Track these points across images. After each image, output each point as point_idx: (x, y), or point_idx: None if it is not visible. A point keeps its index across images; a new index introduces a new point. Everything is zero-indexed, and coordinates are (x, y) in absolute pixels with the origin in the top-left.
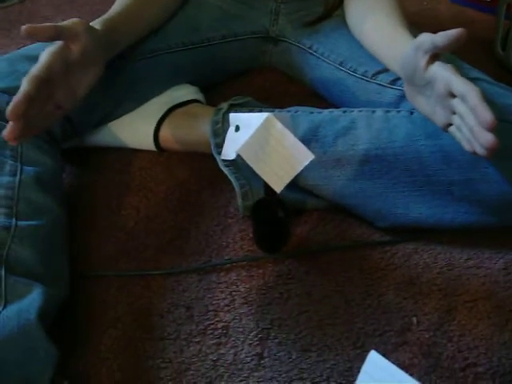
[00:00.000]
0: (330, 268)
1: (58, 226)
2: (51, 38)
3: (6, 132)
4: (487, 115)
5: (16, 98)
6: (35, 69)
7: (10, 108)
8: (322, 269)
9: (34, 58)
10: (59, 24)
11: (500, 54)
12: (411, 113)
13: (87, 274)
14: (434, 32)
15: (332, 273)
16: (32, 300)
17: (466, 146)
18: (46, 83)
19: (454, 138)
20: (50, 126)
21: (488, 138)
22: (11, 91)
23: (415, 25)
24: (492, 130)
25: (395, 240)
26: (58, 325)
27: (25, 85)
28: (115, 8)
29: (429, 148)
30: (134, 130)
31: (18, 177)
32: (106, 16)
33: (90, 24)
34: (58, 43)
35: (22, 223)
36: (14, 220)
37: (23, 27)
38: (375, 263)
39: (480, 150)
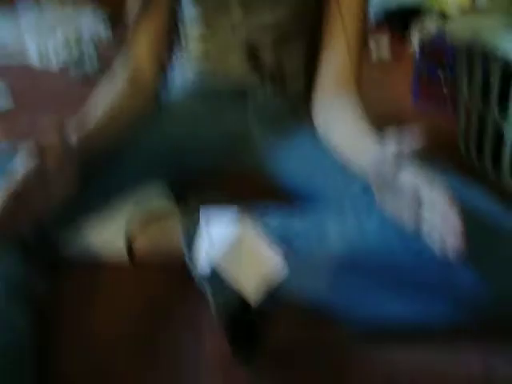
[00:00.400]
0: (303, 375)
1: (24, 341)
2: (30, 153)
3: None
4: (456, 221)
5: None
6: (12, 185)
7: None
8: (296, 376)
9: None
10: (39, 142)
11: (464, 152)
12: (383, 215)
13: None
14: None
15: (304, 379)
16: None
17: (438, 249)
18: (22, 194)
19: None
20: (21, 230)
21: (458, 242)
22: None
23: (381, 127)
24: (461, 234)
25: (367, 343)
26: None
27: (2, 198)
28: (90, 116)
29: (400, 249)
30: (106, 237)
31: None
32: (79, 127)
33: (65, 135)
34: (34, 154)
35: None
36: None
37: None
38: (346, 367)
39: (451, 254)
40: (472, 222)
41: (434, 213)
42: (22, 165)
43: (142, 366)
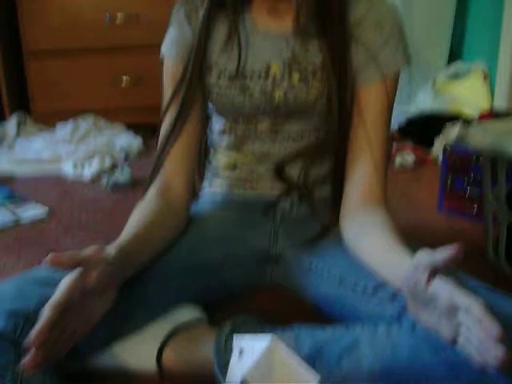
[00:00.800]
0: None
1: None
2: (73, 267)
3: (27, 360)
4: (494, 328)
5: (39, 326)
6: (57, 296)
7: (34, 335)
8: None
9: (42, 281)
10: (80, 253)
11: (493, 259)
12: (413, 326)
13: None
14: (428, 243)
15: None
16: None
17: (478, 358)
18: (66, 311)
19: (460, 351)
20: (64, 352)
21: (498, 350)
22: (18, 314)
23: (408, 236)
24: (501, 341)
25: None
26: None
27: (48, 312)
28: (126, 235)
29: (434, 362)
30: (137, 352)
31: None
32: (118, 243)
33: (105, 252)
34: (77, 271)
35: None
36: None
37: (48, 257)
38: None
39: (492, 362)
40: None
41: (471, 320)
42: (64, 280)
43: None
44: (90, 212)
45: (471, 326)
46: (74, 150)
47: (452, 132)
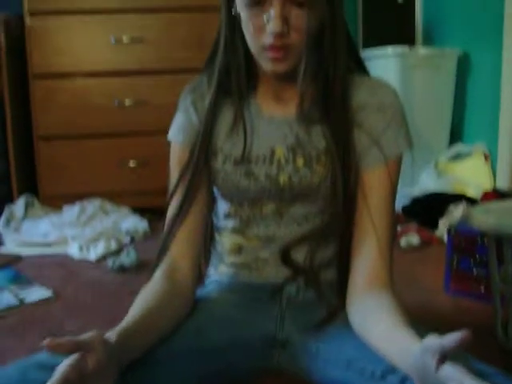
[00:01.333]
0: None
1: None
2: (71, 352)
3: None
4: None
5: None
6: (53, 381)
7: None
8: None
9: (44, 367)
10: (78, 338)
11: (502, 340)
12: None
13: None
14: (435, 324)
15: None
16: None
17: None
18: None
19: None
20: None
21: None
22: None
23: (415, 318)
24: None
25: None
26: None
27: None
28: (128, 320)
29: None
30: None
31: None
32: (119, 328)
33: (106, 336)
34: (75, 355)
35: None
36: None
37: (45, 342)
38: None
39: None
40: None
41: None
42: (61, 365)
43: None
44: (95, 294)
45: None
46: (80, 233)
47: (456, 212)
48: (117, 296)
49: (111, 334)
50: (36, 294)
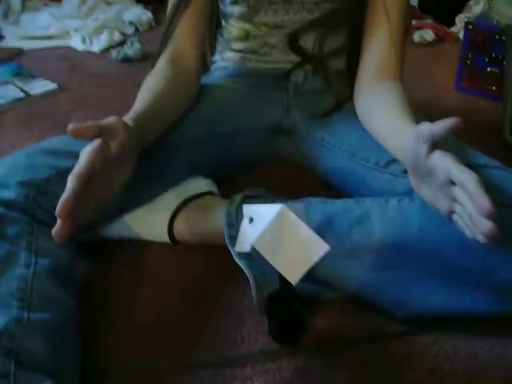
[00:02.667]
0: (348, 361)
1: (70, 320)
2: (94, 137)
3: (55, 230)
4: (485, 203)
5: (65, 196)
6: (80, 167)
7: (60, 206)
8: (340, 362)
9: (51, 152)
10: (101, 123)
11: (509, 138)
12: (425, 201)
13: (96, 371)
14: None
15: (351, 366)
16: None
17: (468, 234)
18: (89, 180)
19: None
20: (89, 222)
21: (487, 225)
22: (29, 184)
23: (423, 114)
24: (491, 217)
25: (414, 331)
26: None
27: (71, 183)
28: (140, 106)
29: (444, 235)
30: (149, 222)
31: (32, 269)
32: (133, 114)
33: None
34: (99, 141)
35: (34, 316)
36: (26, 312)
37: (69, 126)
38: (395, 355)
39: (480, 238)
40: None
41: (464, 196)
42: (86, 150)
43: (182, 342)
44: (100, 86)
45: (464, 201)
46: (81, 25)
47: (475, 8)
48: (122, 87)
49: (127, 120)
50: (41, 87)
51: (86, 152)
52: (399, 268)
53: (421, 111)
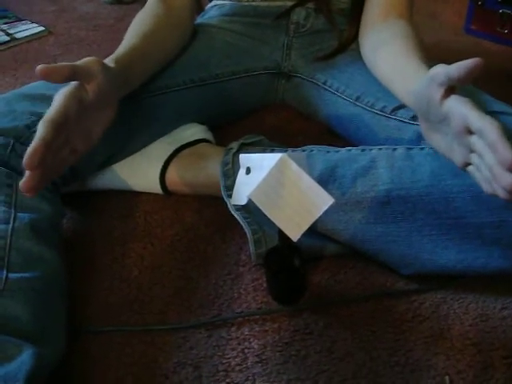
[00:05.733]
0: (352, 321)
1: (54, 278)
2: (67, 79)
3: (23, 182)
4: (507, 154)
5: (33, 145)
6: (51, 112)
7: (27, 156)
8: (344, 322)
9: (32, 97)
10: (75, 63)
11: None
12: (435, 150)
13: (85, 330)
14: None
15: (354, 326)
16: (21, 363)
17: (486, 188)
18: (62, 127)
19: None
20: (63, 171)
21: (509, 179)
22: (8, 132)
23: (431, 58)
24: None
25: (422, 289)
26: None
27: (41, 130)
28: (125, 46)
29: (456, 187)
30: (139, 171)
31: (10, 224)
32: (117, 54)
33: (106, 64)
34: (73, 84)
35: (13, 275)
36: (4, 272)
37: (38, 68)
38: (401, 315)
39: (501, 193)
40: None
41: (483, 145)
42: (59, 94)
43: (174, 301)
44: (89, 29)
45: (482, 152)
46: None
47: None
48: (113, 31)
49: (109, 60)
50: (27, 30)
51: (60, 96)
52: (407, 221)
53: (429, 56)
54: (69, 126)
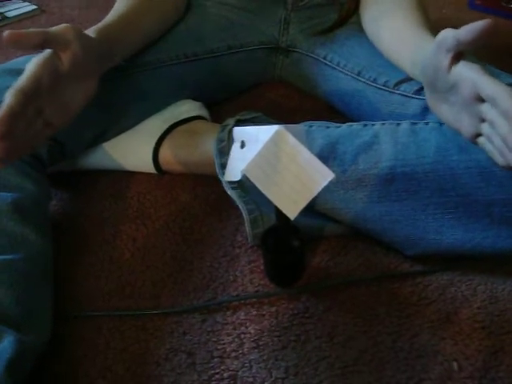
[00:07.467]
0: (353, 304)
1: (38, 260)
2: (38, 46)
3: None
4: None
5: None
6: (20, 81)
7: None
8: (345, 305)
9: (16, 72)
10: (46, 29)
11: None
12: (441, 124)
13: (74, 315)
14: None
15: (356, 310)
16: (1, 350)
17: (499, 160)
18: (32, 97)
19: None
20: (38, 146)
21: None
22: None
23: (434, 34)
24: None
25: (427, 270)
26: (37, 375)
27: (8, 99)
28: (110, 16)
29: (463, 163)
30: (131, 150)
31: None
32: (100, 24)
33: (84, 32)
34: (46, 52)
35: None
36: None
37: (5, 33)
38: (406, 298)
39: None
40: None
41: (496, 112)
42: (30, 63)
43: (168, 284)
44: (82, 8)
45: (495, 120)
46: None
47: None
48: (106, 10)
49: (90, 31)
50: (19, 8)
51: (31, 64)
52: (412, 199)
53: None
54: (41, 96)
